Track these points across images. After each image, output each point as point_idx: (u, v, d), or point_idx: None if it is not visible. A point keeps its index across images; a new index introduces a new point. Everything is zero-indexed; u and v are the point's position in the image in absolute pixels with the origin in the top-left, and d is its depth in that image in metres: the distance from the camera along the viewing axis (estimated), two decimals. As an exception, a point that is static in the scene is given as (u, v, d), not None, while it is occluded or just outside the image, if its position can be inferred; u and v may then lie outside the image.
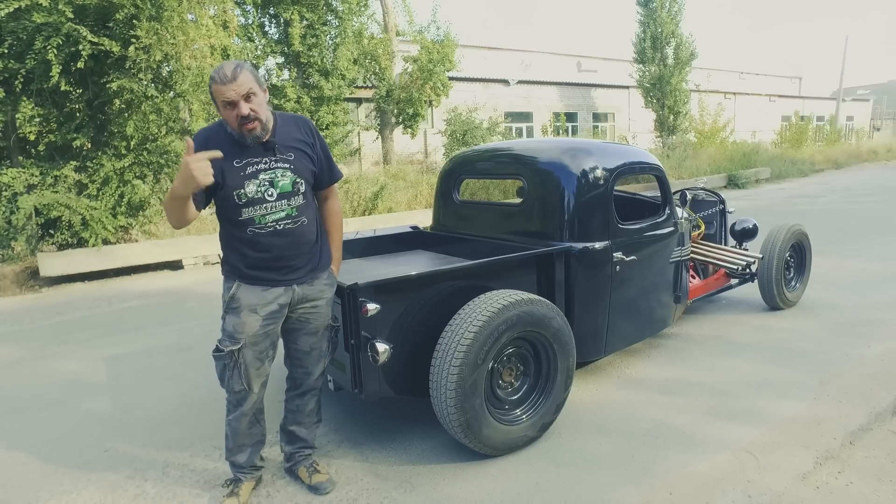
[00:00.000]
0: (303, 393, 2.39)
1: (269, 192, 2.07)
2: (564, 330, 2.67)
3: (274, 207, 2.08)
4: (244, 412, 2.24)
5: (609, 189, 3.11)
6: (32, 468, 2.70)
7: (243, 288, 2.12)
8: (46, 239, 7.27)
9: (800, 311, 4.52)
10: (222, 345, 2.14)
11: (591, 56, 29.67)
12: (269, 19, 10.81)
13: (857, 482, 2.29)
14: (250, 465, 2.36)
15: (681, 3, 19.03)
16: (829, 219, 9.17)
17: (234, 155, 2.03)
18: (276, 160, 2.09)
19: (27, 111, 6.59)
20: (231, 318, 2.13)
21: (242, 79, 1.93)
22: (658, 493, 2.27)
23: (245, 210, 2.06)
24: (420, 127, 14.22)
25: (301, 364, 2.33)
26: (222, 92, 1.93)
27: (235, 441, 2.29)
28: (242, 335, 2.12)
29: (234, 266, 2.14)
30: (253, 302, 2.11)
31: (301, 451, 2.47)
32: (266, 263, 2.11)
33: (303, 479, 2.43)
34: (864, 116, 37.19)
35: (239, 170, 2.04)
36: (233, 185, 2.03)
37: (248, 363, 2.15)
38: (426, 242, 4.00)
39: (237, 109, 1.95)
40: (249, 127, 1.98)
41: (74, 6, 6.20)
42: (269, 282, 2.13)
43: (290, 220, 2.12)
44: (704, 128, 20.25)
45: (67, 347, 4.55)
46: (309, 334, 2.28)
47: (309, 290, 2.22)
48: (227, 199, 2.06)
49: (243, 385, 2.17)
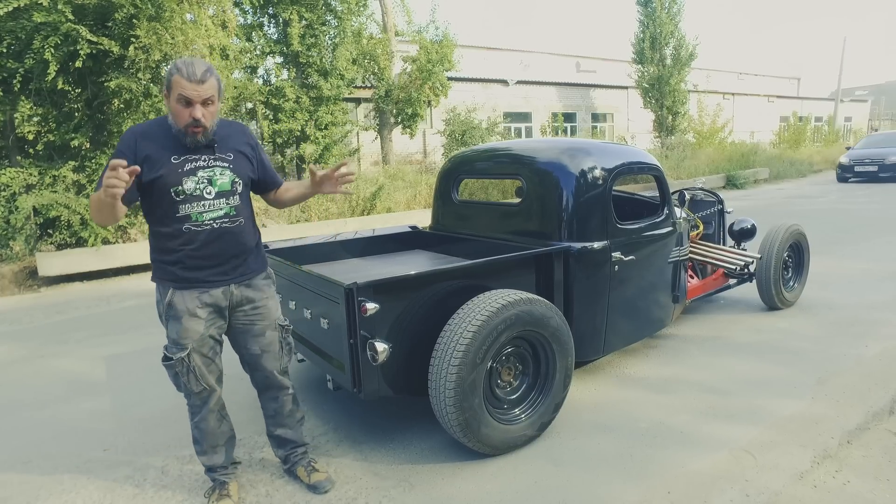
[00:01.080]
0: (274, 396, 2.38)
1: (207, 189, 2.06)
2: (563, 329, 2.68)
3: (212, 206, 2.07)
4: (210, 409, 2.24)
5: (608, 189, 3.12)
6: (32, 467, 2.70)
7: (178, 294, 2.09)
8: (45, 239, 7.27)
9: (798, 310, 4.53)
10: (169, 352, 2.14)
11: (589, 56, 29.68)
12: (268, 19, 10.81)
13: (854, 481, 2.30)
14: (230, 462, 2.37)
15: (680, 4, 19.05)
16: (828, 219, 9.19)
17: (172, 151, 2.02)
18: (216, 159, 2.09)
19: (26, 110, 6.59)
20: (173, 325, 2.12)
21: (209, 84, 1.96)
22: (656, 491, 2.28)
23: (182, 206, 2.03)
24: (419, 127, 14.22)
25: (257, 367, 2.31)
26: (184, 87, 1.93)
27: (208, 442, 2.29)
28: (187, 340, 2.11)
29: (168, 271, 2.10)
30: (191, 306, 2.09)
31: (294, 452, 2.47)
32: (202, 263, 2.08)
33: (302, 478, 2.43)
34: (863, 117, 37.25)
35: (177, 166, 2.02)
36: (171, 182, 2.01)
37: (199, 365, 2.14)
38: (425, 242, 4.00)
39: (192, 110, 1.96)
40: (195, 130, 1.99)
41: (74, 5, 6.20)
42: (205, 283, 2.10)
43: (228, 220, 2.11)
44: (703, 128, 20.27)
45: (66, 347, 4.55)
46: (256, 336, 2.25)
47: (247, 291, 2.20)
48: (164, 196, 2.02)
49: (203, 385, 2.17)
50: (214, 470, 2.34)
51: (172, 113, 2.01)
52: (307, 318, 2.81)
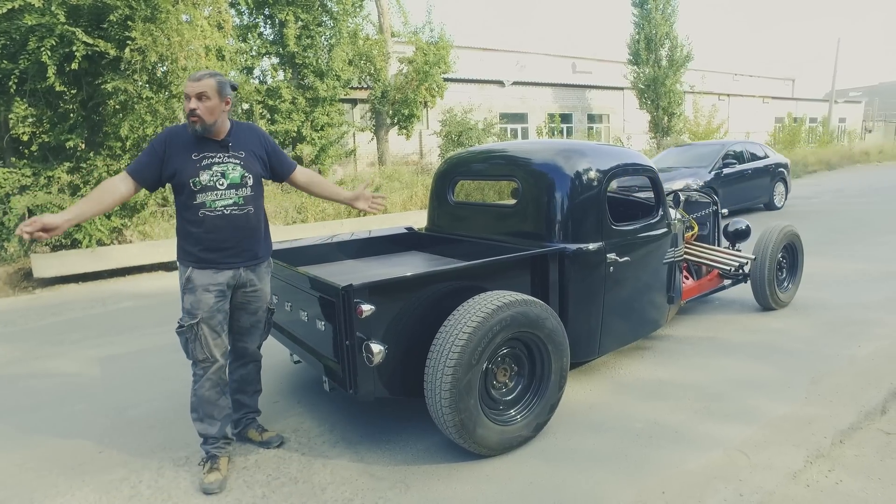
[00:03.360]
0: (245, 363, 2.73)
1: (219, 181, 2.43)
2: (558, 330, 2.69)
3: (223, 195, 2.43)
4: (208, 377, 2.47)
5: (603, 190, 3.13)
6: (27, 469, 2.70)
7: (196, 271, 2.43)
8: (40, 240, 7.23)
9: (792, 311, 4.55)
10: (182, 321, 2.44)
11: (585, 57, 29.71)
12: (264, 20, 10.80)
13: (846, 480, 2.31)
14: (222, 436, 2.54)
15: (675, 5, 19.12)
16: (822, 220, 9.23)
17: (193, 149, 2.41)
18: (229, 156, 2.46)
19: (20, 111, 6.56)
20: (188, 297, 2.44)
21: (204, 83, 2.35)
22: (651, 491, 2.29)
23: (199, 195, 2.40)
24: (415, 128, 14.22)
25: (241, 339, 2.67)
26: (186, 86, 2.39)
27: (204, 410, 2.50)
28: (199, 311, 2.41)
29: (189, 252, 2.44)
30: (205, 282, 2.42)
31: (247, 416, 2.81)
32: (215, 245, 2.41)
33: (253, 439, 2.77)
34: (857, 118, 37.41)
35: (196, 161, 2.40)
36: (190, 174, 2.38)
37: (206, 335, 2.42)
38: (421, 243, 4.01)
39: (189, 103, 2.35)
40: (192, 119, 2.36)
41: (68, 7, 6.17)
42: (218, 264, 2.44)
43: (237, 208, 2.45)
44: (698, 129, 20.34)
45: (62, 348, 4.54)
46: (250, 314, 2.62)
47: (251, 275, 2.55)
48: (185, 187, 2.40)
49: (206, 354, 2.44)
50: (207, 441, 2.54)
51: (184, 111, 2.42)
52: (303, 320, 2.81)
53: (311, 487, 2.43)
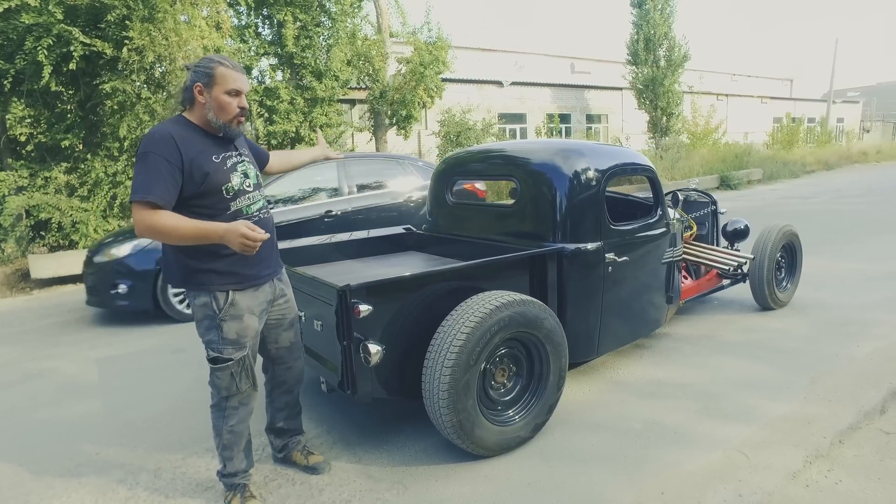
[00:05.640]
0: (289, 390, 2.46)
1: (246, 182, 2.11)
2: (557, 331, 2.68)
3: (253, 197, 2.13)
4: (248, 409, 2.22)
5: (601, 190, 3.13)
6: (22, 472, 2.68)
7: (238, 294, 2.08)
8: (37, 241, 7.22)
9: (790, 311, 4.55)
10: (226, 354, 2.08)
11: (584, 58, 29.73)
12: (263, 20, 10.78)
13: (846, 480, 2.31)
14: (251, 466, 2.33)
15: (673, 5, 19.13)
16: (820, 219, 9.24)
17: (211, 150, 2.02)
18: (240, 153, 2.13)
19: (17, 111, 6.55)
20: (232, 325, 2.07)
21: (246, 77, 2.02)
22: (650, 492, 2.28)
23: (233, 203, 2.05)
24: (414, 128, 14.20)
25: (283, 361, 2.39)
26: (235, 79, 1.98)
27: (239, 447, 2.22)
28: (247, 338, 2.11)
29: (223, 273, 2.04)
30: (250, 304, 2.11)
31: (293, 440, 2.55)
32: (258, 257, 2.10)
33: (299, 462, 2.49)
34: (855, 118, 37.48)
35: (220, 164, 2.02)
36: (220, 180, 2.01)
37: (251, 364, 2.16)
38: (419, 243, 4.00)
39: (240, 100, 2.00)
40: (242, 119, 2.03)
41: (65, 6, 6.16)
42: (259, 279, 2.14)
43: (266, 210, 2.19)
44: (697, 129, 20.35)
45: (58, 349, 4.52)
46: (287, 329, 2.35)
47: (281, 284, 2.30)
48: (215, 195, 2.00)
49: (250, 382, 2.16)
50: (236, 475, 2.26)
51: (218, 105, 1.99)
52: (301, 321, 2.80)
53: (308, 488, 2.41)
